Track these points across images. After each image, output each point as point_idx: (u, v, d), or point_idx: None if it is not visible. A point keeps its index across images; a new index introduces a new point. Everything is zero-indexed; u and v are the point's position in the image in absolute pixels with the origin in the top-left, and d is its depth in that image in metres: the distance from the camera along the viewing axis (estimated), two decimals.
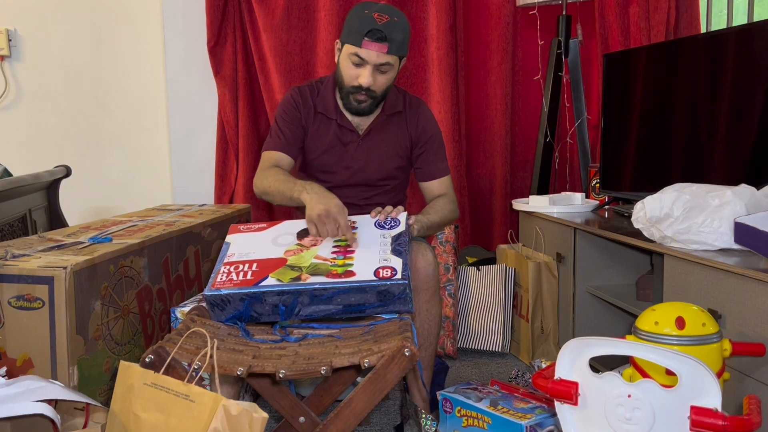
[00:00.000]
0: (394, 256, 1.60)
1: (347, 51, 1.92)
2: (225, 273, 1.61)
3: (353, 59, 1.90)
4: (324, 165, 2.06)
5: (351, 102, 1.98)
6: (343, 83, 1.97)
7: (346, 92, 1.97)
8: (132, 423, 1.33)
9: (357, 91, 1.94)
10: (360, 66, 1.91)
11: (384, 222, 1.73)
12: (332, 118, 2.04)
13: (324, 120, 2.05)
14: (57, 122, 3.39)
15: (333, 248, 1.65)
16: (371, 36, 1.86)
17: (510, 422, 1.62)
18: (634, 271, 2.39)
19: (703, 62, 2.10)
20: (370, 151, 2.05)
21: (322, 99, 2.06)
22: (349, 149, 2.05)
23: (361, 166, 2.05)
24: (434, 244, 2.69)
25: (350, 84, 1.94)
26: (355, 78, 1.93)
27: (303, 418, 1.64)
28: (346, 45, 1.92)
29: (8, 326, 1.67)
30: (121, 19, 3.36)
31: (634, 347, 1.27)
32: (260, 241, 1.71)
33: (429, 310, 1.82)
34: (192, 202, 3.29)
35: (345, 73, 1.95)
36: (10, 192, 2.27)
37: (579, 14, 2.97)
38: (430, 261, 1.81)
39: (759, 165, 1.89)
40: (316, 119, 2.05)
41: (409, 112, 2.09)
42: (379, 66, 1.90)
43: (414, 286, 1.78)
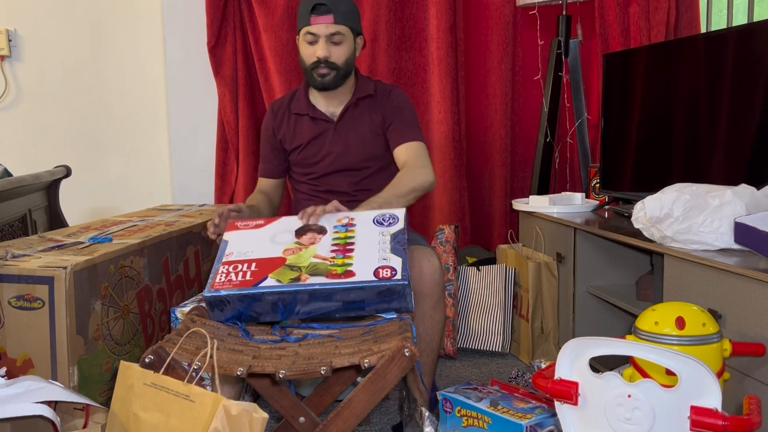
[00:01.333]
0: (393, 255, 1.59)
1: (301, 35, 2.05)
2: (224, 273, 1.60)
3: (307, 39, 2.03)
4: (306, 158, 2.13)
5: (315, 79, 2.06)
6: (305, 65, 2.07)
7: (309, 72, 2.06)
8: (132, 423, 1.33)
9: (317, 65, 2.04)
10: (314, 43, 2.02)
11: (383, 219, 1.72)
12: (305, 114, 2.13)
13: (298, 118, 2.14)
14: (57, 122, 3.39)
15: (332, 246, 1.64)
16: (316, 11, 1.99)
17: (510, 422, 1.62)
18: (634, 271, 2.39)
19: (703, 62, 2.10)
20: (347, 135, 2.11)
21: (297, 100, 2.18)
22: (326, 137, 2.11)
23: (341, 151, 2.10)
24: (434, 244, 2.69)
25: (310, 62, 2.05)
26: (312, 55, 2.04)
27: (303, 418, 1.64)
28: (300, 32, 2.05)
29: (8, 326, 1.67)
30: (121, 19, 3.36)
31: (634, 347, 1.27)
32: (258, 239, 1.70)
33: (433, 317, 1.82)
34: (192, 202, 3.29)
35: (303, 54, 2.07)
36: (10, 192, 2.27)
37: (579, 14, 2.97)
38: (436, 267, 1.81)
39: (759, 165, 1.89)
40: (290, 121, 2.16)
41: (381, 94, 2.15)
42: (331, 36, 2.01)
43: (419, 292, 1.78)
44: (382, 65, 3.11)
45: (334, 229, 1.70)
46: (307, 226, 1.72)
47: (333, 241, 1.66)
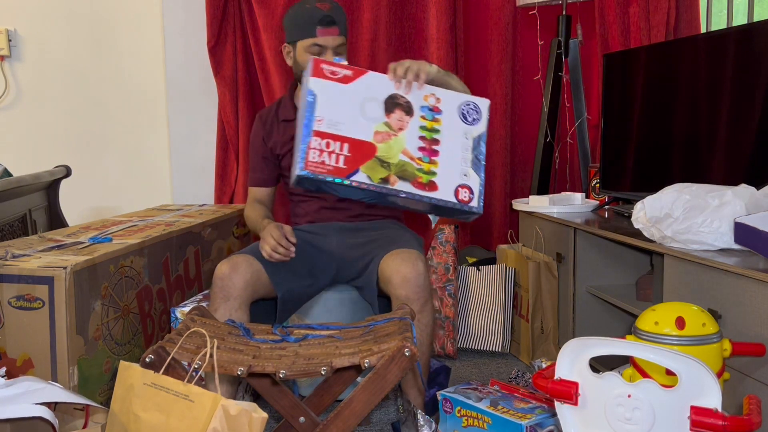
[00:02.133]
0: (473, 171, 1.68)
1: (303, 46, 2.04)
2: (317, 151, 1.62)
3: (312, 50, 2.02)
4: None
5: None
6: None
7: None
8: (132, 423, 1.33)
9: None
10: (321, 54, 2.02)
11: (467, 111, 1.75)
12: (292, 119, 2.12)
13: (286, 125, 2.14)
14: (57, 122, 3.39)
15: (419, 141, 1.69)
16: (323, 23, 2.00)
17: (510, 422, 1.62)
18: (634, 271, 2.39)
19: (703, 62, 2.10)
20: None
21: (283, 107, 2.19)
22: None
23: None
24: (434, 245, 2.69)
25: None
26: None
27: (303, 418, 1.64)
28: (300, 42, 2.04)
29: (8, 326, 1.67)
30: (121, 19, 3.36)
31: (634, 347, 1.27)
32: (348, 103, 1.68)
33: (420, 320, 1.82)
34: (192, 202, 3.29)
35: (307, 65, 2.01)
36: (10, 192, 2.27)
37: (579, 14, 2.96)
38: (420, 272, 1.81)
39: (759, 165, 1.89)
40: (279, 128, 2.16)
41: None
42: (336, 48, 2.03)
43: (404, 297, 1.79)
44: (382, 65, 3.11)
45: (421, 111, 1.73)
46: (395, 98, 1.72)
47: (420, 131, 1.71)
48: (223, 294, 1.80)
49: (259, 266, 1.86)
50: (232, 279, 1.80)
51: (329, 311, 2.03)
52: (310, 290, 1.99)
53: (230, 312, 1.79)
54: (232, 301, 1.80)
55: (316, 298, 2.03)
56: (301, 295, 1.97)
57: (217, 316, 1.76)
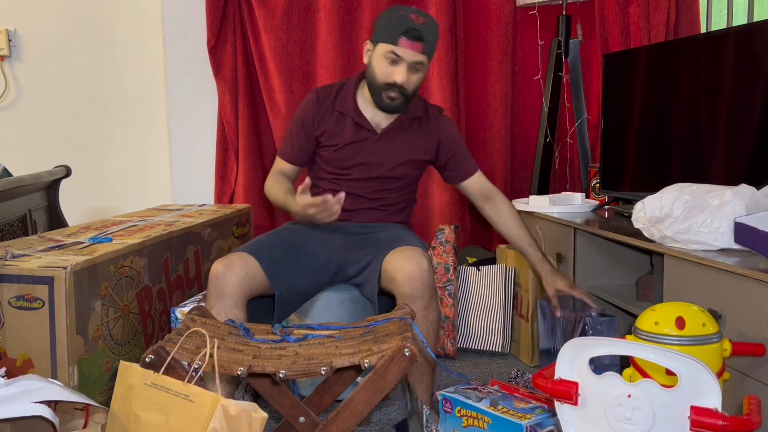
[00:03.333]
0: None
1: (382, 50, 1.97)
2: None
3: (389, 57, 1.96)
4: (338, 160, 2.09)
5: (383, 100, 2.02)
6: (376, 81, 2.00)
7: (378, 90, 2.01)
8: (132, 423, 1.33)
9: (390, 88, 1.99)
10: (395, 64, 1.96)
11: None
12: (349, 116, 2.07)
13: (341, 117, 2.09)
14: (57, 122, 3.39)
15: None
16: (408, 35, 1.93)
17: (510, 422, 1.62)
18: (634, 271, 2.39)
19: (703, 62, 2.10)
20: (385, 150, 2.08)
21: (342, 97, 2.10)
22: (364, 146, 2.08)
23: (375, 163, 2.08)
24: (434, 244, 2.69)
25: (384, 81, 1.99)
26: (389, 75, 1.98)
27: (303, 418, 1.64)
28: (381, 44, 1.97)
29: (8, 326, 1.67)
30: (121, 19, 3.36)
31: (634, 347, 1.27)
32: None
33: (426, 317, 1.82)
34: (192, 202, 3.29)
35: (379, 71, 1.99)
36: (10, 192, 2.27)
37: (579, 14, 2.97)
38: (425, 268, 1.80)
39: (759, 165, 1.89)
40: (333, 117, 2.09)
41: (429, 119, 2.14)
42: (413, 64, 1.97)
43: (409, 294, 1.78)
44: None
45: None
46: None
47: None
48: (217, 292, 1.80)
49: (255, 264, 1.86)
50: (226, 277, 1.80)
51: (329, 311, 2.03)
52: (309, 288, 1.98)
53: (225, 310, 1.79)
54: (227, 299, 1.80)
55: (316, 298, 2.03)
56: (300, 293, 1.96)
57: (213, 314, 1.76)
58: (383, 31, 1.98)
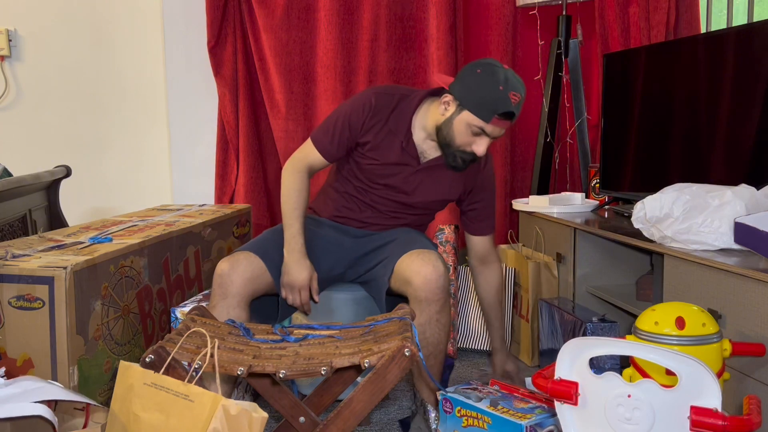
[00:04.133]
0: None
1: (468, 119, 1.86)
2: None
3: (475, 130, 1.86)
4: (373, 174, 2.02)
5: (456, 160, 1.93)
6: (453, 143, 1.91)
7: (452, 150, 1.92)
8: (132, 423, 1.33)
9: (467, 155, 1.92)
10: (479, 136, 1.88)
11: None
12: (399, 139, 1.98)
13: (391, 136, 1.98)
14: (57, 122, 3.39)
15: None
16: (503, 116, 1.84)
17: (510, 422, 1.62)
18: (634, 271, 2.39)
19: (703, 62, 2.10)
20: (421, 182, 2.02)
21: (397, 116, 1.99)
22: (403, 171, 2.01)
23: (406, 191, 2.02)
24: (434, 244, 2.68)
25: (462, 147, 1.91)
26: (469, 144, 1.90)
27: (303, 418, 1.64)
28: (468, 113, 1.85)
29: (8, 326, 1.67)
30: (121, 20, 3.36)
31: (634, 347, 1.27)
32: None
33: (439, 320, 1.81)
34: (192, 202, 3.29)
35: (459, 137, 1.89)
36: (10, 192, 2.27)
37: (579, 14, 2.97)
38: (441, 272, 1.78)
39: (759, 165, 1.89)
40: (382, 131, 1.98)
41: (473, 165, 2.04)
42: (495, 138, 1.90)
43: (425, 298, 1.77)
44: (382, 65, 3.11)
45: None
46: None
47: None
48: (221, 291, 1.80)
49: (260, 263, 1.85)
50: (231, 277, 1.80)
51: (330, 311, 2.03)
52: None
53: (228, 309, 1.78)
54: (230, 299, 1.79)
55: None
56: None
57: (216, 314, 1.76)
58: (476, 102, 1.84)
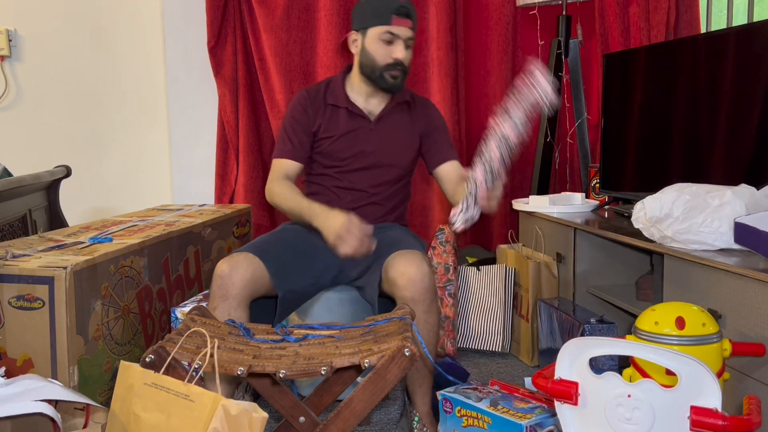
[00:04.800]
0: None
1: (375, 33, 2.01)
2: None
3: (385, 38, 2.00)
4: (337, 151, 2.10)
5: (387, 80, 2.04)
6: (376, 65, 2.03)
7: (380, 72, 2.04)
8: (132, 423, 1.33)
9: (393, 67, 2.03)
10: (392, 43, 2.00)
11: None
12: (342, 107, 2.10)
13: (334, 110, 2.11)
14: (57, 122, 3.39)
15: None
16: (399, 12, 1.98)
17: (510, 422, 1.62)
18: (634, 271, 2.39)
19: (703, 62, 2.10)
20: (381, 136, 2.10)
21: (332, 91, 2.13)
22: (360, 134, 2.10)
23: (373, 150, 2.09)
24: (434, 244, 2.69)
25: (384, 63, 2.03)
26: (388, 55, 2.01)
27: (303, 418, 1.64)
28: (372, 28, 2.01)
29: (8, 326, 1.67)
30: (121, 20, 3.36)
31: (634, 347, 1.27)
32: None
33: (427, 320, 1.81)
34: (192, 202, 3.29)
35: (377, 54, 2.02)
36: (10, 192, 2.27)
37: (579, 14, 2.97)
38: (425, 272, 1.80)
39: (759, 165, 1.89)
40: (326, 111, 2.11)
41: (417, 105, 2.17)
42: (407, 40, 2.02)
43: (410, 298, 1.78)
44: None
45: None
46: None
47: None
48: (221, 292, 1.80)
49: (260, 264, 1.86)
50: (232, 278, 1.80)
51: (329, 311, 2.03)
52: (311, 289, 1.99)
53: (228, 311, 1.79)
54: (231, 300, 1.79)
55: (316, 298, 2.03)
56: (301, 294, 1.96)
57: (216, 315, 1.76)
58: (371, 15, 2.02)
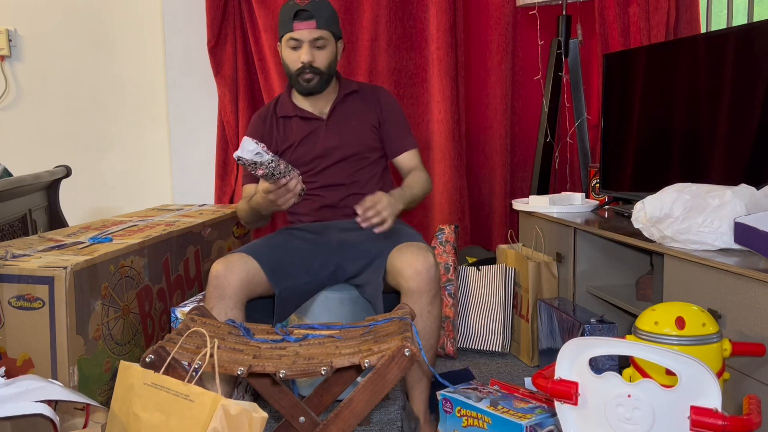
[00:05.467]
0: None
1: (284, 41, 2.08)
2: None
3: (290, 44, 2.06)
4: (300, 156, 2.13)
5: (301, 84, 2.09)
6: (290, 71, 2.10)
7: (294, 78, 2.10)
8: (132, 423, 1.33)
9: (302, 71, 2.07)
10: (297, 48, 2.06)
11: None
12: (293, 115, 2.15)
13: (287, 120, 2.16)
14: (57, 122, 3.39)
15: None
16: (299, 17, 2.03)
17: (510, 422, 1.62)
18: (634, 271, 2.39)
19: (703, 62, 2.10)
20: (339, 129, 2.14)
21: (281, 105, 2.19)
22: (318, 134, 2.13)
23: (336, 144, 2.12)
24: (434, 244, 2.69)
25: (295, 68, 2.08)
26: (296, 60, 2.07)
27: (303, 418, 1.64)
28: (283, 37, 2.09)
29: (8, 326, 1.67)
30: (121, 19, 3.36)
31: (634, 347, 1.27)
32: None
33: (431, 312, 1.82)
34: (192, 202, 3.29)
35: (288, 60, 2.10)
36: (10, 192, 2.27)
37: (579, 14, 2.97)
38: (431, 264, 1.81)
39: (759, 165, 1.89)
40: (279, 124, 2.17)
41: (367, 92, 2.21)
42: (314, 41, 2.05)
43: (416, 289, 1.79)
44: (382, 65, 3.11)
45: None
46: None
47: None
48: (217, 293, 1.80)
49: (255, 265, 1.86)
50: (227, 278, 1.80)
51: (329, 311, 2.03)
52: (309, 287, 1.99)
53: (225, 311, 1.79)
54: (227, 300, 1.80)
55: (316, 298, 2.03)
56: (299, 293, 1.96)
57: (213, 315, 1.76)
58: (281, 25, 2.09)
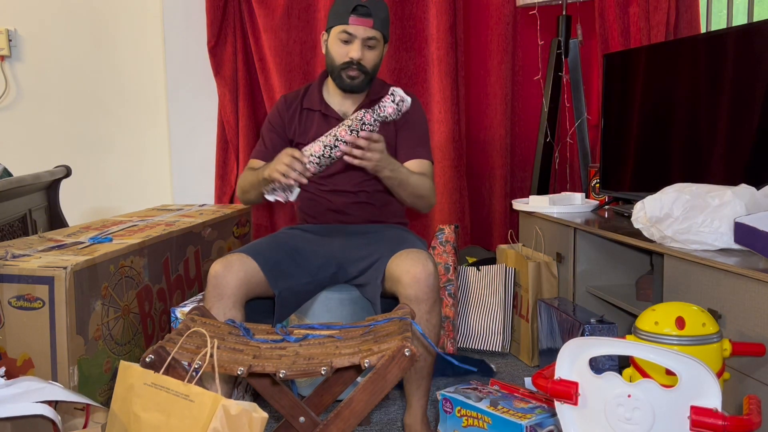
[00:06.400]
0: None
1: (335, 32, 2.03)
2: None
3: (342, 37, 2.01)
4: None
5: (344, 80, 2.05)
6: (334, 64, 2.05)
7: (338, 72, 2.05)
8: (132, 423, 1.33)
9: (348, 66, 2.03)
10: (348, 42, 2.01)
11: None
12: (316, 110, 2.12)
13: (309, 113, 2.13)
14: (57, 122, 3.39)
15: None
16: (357, 12, 1.99)
17: (510, 422, 1.62)
18: (634, 271, 2.39)
19: (703, 62, 2.10)
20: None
21: (309, 95, 2.16)
22: None
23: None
24: (434, 244, 2.69)
25: (341, 61, 2.04)
26: (345, 54, 2.02)
27: (303, 418, 1.64)
28: (333, 28, 2.03)
29: (8, 326, 1.67)
30: (121, 19, 3.36)
31: (634, 347, 1.27)
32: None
33: (429, 320, 1.81)
34: (192, 202, 3.29)
35: (335, 53, 2.04)
36: (10, 192, 2.27)
37: (579, 14, 2.97)
38: (430, 272, 1.79)
39: (759, 165, 1.89)
40: (302, 116, 2.14)
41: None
42: (366, 40, 2.01)
43: (414, 297, 1.78)
44: (382, 65, 3.10)
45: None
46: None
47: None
48: (216, 293, 1.80)
49: (254, 265, 1.86)
50: (226, 278, 1.80)
51: (329, 311, 2.03)
52: (309, 288, 1.98)
53: (224, 311, 1.79)
54: (226, 300, 1.79)
55: (316, 298, 2.03)
56: (299, 293, 1.96)
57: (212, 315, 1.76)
58: (333, 15, 2.04)
